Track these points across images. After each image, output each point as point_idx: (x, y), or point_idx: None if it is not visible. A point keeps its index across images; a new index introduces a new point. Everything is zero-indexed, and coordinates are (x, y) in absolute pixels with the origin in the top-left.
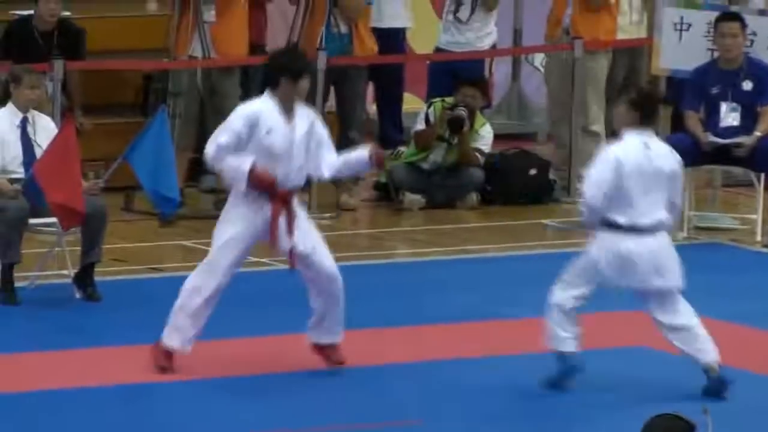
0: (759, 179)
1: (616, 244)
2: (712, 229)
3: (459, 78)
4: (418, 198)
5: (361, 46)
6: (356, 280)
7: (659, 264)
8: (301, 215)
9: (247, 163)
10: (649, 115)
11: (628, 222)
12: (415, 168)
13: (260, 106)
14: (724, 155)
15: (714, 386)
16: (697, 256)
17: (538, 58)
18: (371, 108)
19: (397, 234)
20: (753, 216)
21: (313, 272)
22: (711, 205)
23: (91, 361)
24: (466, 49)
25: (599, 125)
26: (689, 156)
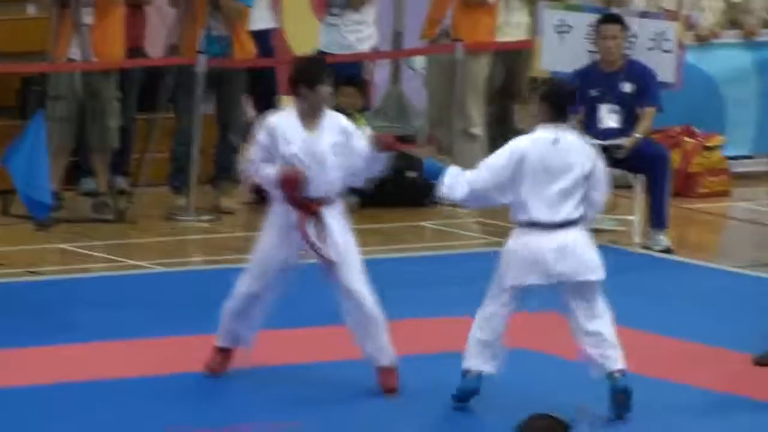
0: (638, 181)
1: (525, 242)
2: (592, 231)
3: (338, 80)
4: None
5: (241, 49)
6: (231, 283)
7: (572, 259)
8: (336, 228)
9: (275, 169)
10: (560, 110)
11: (535, 218)
12: None
13: (279, 115)
14: (603, 157)
15: (618, 394)
16: None
17: (420, 62)
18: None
19: None
20: (631, 217)
21: (338, 287)
22: None
23: None
24: (347, 51)
25: (479, 128)
26: None
